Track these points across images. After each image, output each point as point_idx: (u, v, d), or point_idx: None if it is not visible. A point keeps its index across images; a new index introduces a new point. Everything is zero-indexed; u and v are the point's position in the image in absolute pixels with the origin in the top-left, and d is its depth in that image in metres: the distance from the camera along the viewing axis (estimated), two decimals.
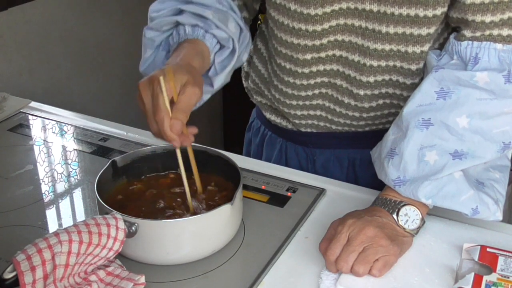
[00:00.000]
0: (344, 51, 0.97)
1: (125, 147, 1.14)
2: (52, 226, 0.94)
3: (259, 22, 1.18)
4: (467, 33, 0.88)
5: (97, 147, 1.16)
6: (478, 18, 0.86)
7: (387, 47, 0.93)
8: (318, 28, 0.94)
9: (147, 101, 0.82)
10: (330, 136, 1.10)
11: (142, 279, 0.80)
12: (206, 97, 0.99)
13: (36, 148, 1.16)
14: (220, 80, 0.97)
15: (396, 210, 0.86)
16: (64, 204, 1.00)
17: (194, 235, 0.82)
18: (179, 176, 0.96)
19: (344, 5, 0.92)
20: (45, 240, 0.74)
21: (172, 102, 0.81)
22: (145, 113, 0.83)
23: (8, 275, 0.72)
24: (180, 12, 0.96)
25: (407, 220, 0.86)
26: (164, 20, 0.96)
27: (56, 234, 0.75)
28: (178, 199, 0.91)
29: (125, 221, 0.80)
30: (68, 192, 1.03)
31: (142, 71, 1.01)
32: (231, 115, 2.69)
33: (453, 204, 0.85)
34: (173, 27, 0.97)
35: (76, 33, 1.80)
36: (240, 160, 0.96)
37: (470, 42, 0.87)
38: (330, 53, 0.98)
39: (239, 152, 1.14)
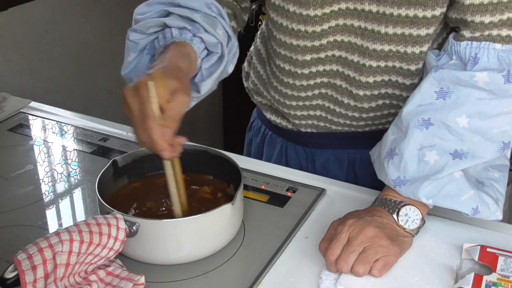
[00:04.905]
0: (344, 52, 0.97)
1: (125, 147, 1.14)
2: (52, 226, 0.94)
3: (259, 23, 1.18)
4: (466, 33, 0.88)
5: (97, 147, 1.16)
6: (477, 18, 0.86)
7: (386, 47, 0.94)
8: (318, 29, 0.94)
9: (134, 108, 0.76)
10: (330, 136, 1.10)
11: (142, 279, 0.80)
12: (193, 103, 0.96)
13: (36, 148, 1.16)
14: (207, 86, 0.93)
15: (396, 210, 0.86)
16: (64, 204, 1.00)
17: (195, 235, 0.82)
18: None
19: (343, 6, 0.92)
20: (46, 239, 0.74)
21: (160, 109, 0.77)
22: (132, 122, 0.77)
23: (9, 274, 0.72)
24: (167, 14, 0.93)
25: (407, 220, 0.86)
26: (150, 22, 0.92)
27: (57, 233, 0.75)
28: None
29: (126, 220, 0.80)
30: (68, 192, 1.03)
31: (123, 75, 0.97)
32: (231, 115, 2.69)
33: (453, 204, 0.85)
34: (159, 30, 0.94)
35: (76, 33, 1.80)
36: (240, 160, 0.96)
37: (469, 42, 0.88)
38: (329, 53, 0.98)
39: (239, 152, 1.14)
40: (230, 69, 0.99)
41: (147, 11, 0.94)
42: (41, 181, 1.06)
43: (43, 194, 1.02)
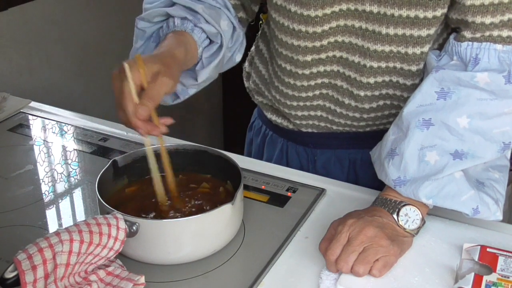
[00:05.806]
0: (344, 52, 0.97)
1: (125, 147, 1.14)
2: (52, 226, 0.94)
3: (260, 22, 1.18)
4: (467, 34, 0.88)
5: (97, 147, 1.16)
6: (478, 19, 0.86)
7: (387, 48, 0.94)
8: (318, 29, 0.94)
9: (116, 89, 0.82)
10: (331, 137, 1.10)
11: (142, 279, 0.80)
12: (192, 91, 1.00)
13: (36, 148, 1.16)
14: (205, 74, 0.97)
15: (396, 210, 0.86)
16: (64, 204, 1.00)
17: (195, 235, 0.82)
18: (177, 175, 0.96)
19: (344, 7, 0.92)
20: (46, 239, 0.74)
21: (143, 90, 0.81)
22: (116, 102, 0.83)
23: (9, 274, 0.72)
24: (172, 4, 0.98)
25: (407, 220, 0.86)
26: (155, 11, 0.97)
27: (57, 233, 0.75)
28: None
29: (126, 220, 0.80)
30: (68, 192, 1.03)
31: None
32: (231, 115, 2.68)
33: (454, 204, 0.85)
34: (164, 20, 0.98)
35: (76, 33, 1.80)
36: (240, 160, 0.96)
37: (470, 43, 0.88)
38: (330, 54, 0.98)
39: (239, 152, 1.14)
40: (238, 57, 1.05)
41: (154, 1, 0.99)
42: (41, 181, 1.06)
43: (43, 194, 1.02)
